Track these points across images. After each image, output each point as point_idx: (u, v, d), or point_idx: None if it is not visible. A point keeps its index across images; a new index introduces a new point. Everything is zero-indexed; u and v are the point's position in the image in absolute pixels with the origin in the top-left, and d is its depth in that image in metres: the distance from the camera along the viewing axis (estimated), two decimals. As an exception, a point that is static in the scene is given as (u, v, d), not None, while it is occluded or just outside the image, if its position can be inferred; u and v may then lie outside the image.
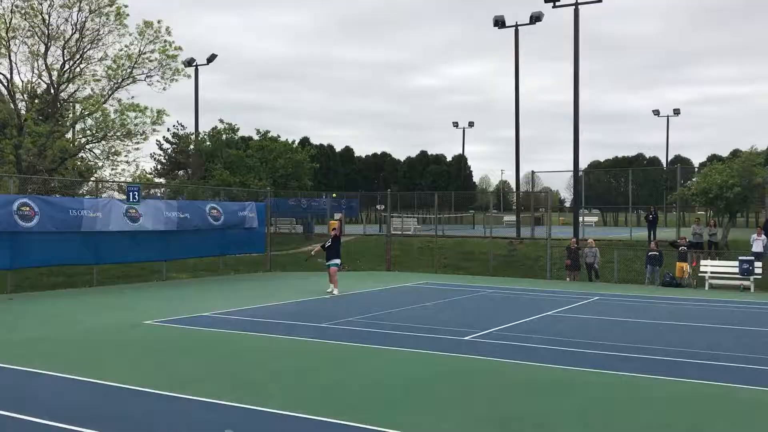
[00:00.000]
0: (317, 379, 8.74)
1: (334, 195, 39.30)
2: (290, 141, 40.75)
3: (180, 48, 27.44)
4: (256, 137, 40.03)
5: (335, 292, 18.21)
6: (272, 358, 10.11)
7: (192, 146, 39.60)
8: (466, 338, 11.87)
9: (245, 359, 9.98)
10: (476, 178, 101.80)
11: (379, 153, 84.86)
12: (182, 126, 43.02)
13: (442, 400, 7.79)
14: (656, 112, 62.43)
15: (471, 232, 38.94)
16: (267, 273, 25.94)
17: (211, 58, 40.35)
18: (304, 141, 61.99)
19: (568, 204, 78.38)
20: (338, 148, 77.92)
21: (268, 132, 39.36)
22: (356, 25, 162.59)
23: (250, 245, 25.94)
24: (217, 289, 19.96)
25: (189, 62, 39.39)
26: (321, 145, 72.74)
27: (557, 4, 28.95)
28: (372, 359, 10.11)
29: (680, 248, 22.76)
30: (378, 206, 42.10)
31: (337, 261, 18.88)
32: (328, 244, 18.82)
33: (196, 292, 19.09)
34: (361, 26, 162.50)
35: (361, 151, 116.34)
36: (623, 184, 45.50)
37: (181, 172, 42.10)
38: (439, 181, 74.65)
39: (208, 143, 38.47)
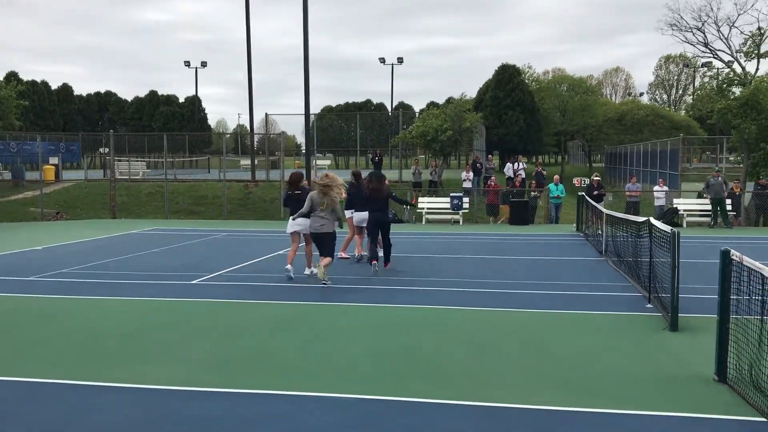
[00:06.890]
0: (20, 337, 7.84)
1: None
2: (-9, 75, 35.59)
3: None
4: (-55, 69, 34.25)
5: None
6: (-37, 319, 8.83)
7: None
8: (193, 282, 11.53)
9: (-73, 323, 8.58)
10: (213, 122, 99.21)
11: (102, 92, 78.33)
12: None
13: (162, 346, 7.46)
14: (382, 60, 65.74)
15: (206, 176, 37.89)
16: (-35, 226, 22.67)
17: None
18: (11, 76, 54.60)
19: (304, 148, 79.94)
20: (54, 86, 70.34)
21: (-39, 63, 33.89)
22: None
23: (-60, 194, 22.35)
24: None
25: None
26: (33, 81, 64.99)
27: (287, -57, 28.68)
28: (85, 311, 9.33)
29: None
30: (102, 149, 38.89)
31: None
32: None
33: None
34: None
35: (82, 89, 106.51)
36: (353, 129, 47.57)
37: None
38: (171, 123, 71.24)
39: None
